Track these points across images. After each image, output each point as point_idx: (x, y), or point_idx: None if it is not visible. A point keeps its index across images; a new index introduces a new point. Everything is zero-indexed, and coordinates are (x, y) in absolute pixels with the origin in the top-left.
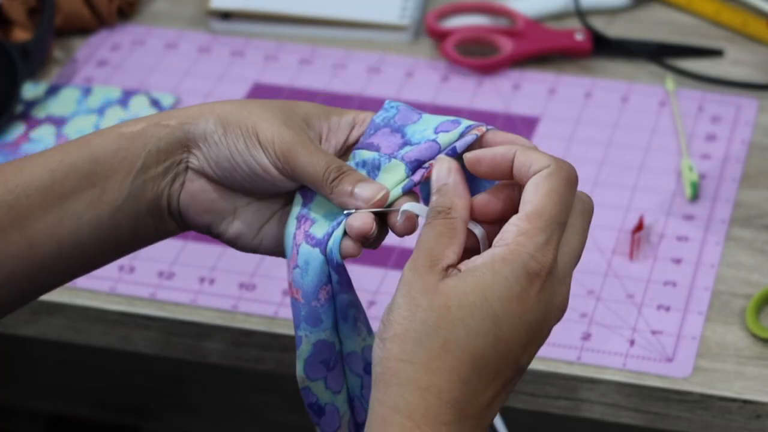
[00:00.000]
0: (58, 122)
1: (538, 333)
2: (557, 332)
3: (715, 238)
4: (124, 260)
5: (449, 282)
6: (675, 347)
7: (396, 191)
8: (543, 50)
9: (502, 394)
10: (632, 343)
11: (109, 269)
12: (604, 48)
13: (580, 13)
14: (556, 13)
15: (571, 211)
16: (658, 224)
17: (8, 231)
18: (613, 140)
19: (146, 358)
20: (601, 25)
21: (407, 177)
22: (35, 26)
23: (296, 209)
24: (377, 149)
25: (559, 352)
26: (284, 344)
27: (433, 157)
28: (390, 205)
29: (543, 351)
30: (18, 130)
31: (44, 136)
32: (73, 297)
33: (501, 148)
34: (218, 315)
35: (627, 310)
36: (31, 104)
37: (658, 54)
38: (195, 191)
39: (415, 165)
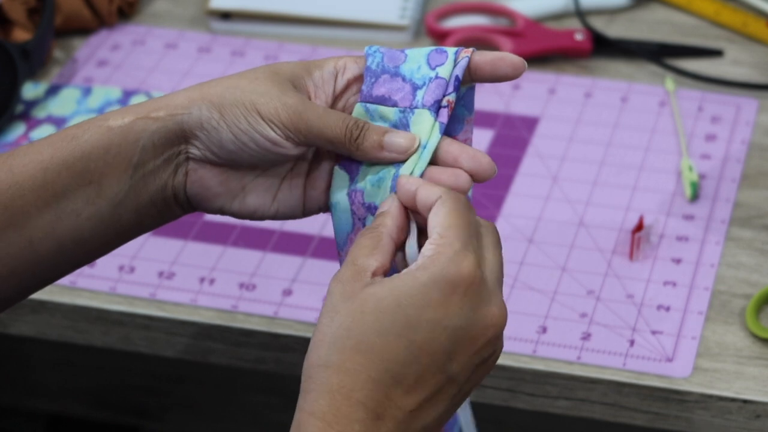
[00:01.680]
0: (59, 122)
1: (465, 341)
2: (557, 332)
3: (715, 238)
4: (124, 260)
5: (368, 289)
6: (675, 347)
7: (435, 138)
8: (543, 50)
9: (434, 404)
10: (632, 343)
11: (109, 269)
12: (604, 48)
13: (580, 13)
14: (556, 13)
15: (480, 233)
16: (658, 224)
17: (6, 231)
18: (613, 140)
19: (146, 358)
20: (601, 25)
21: (435, 121)
22: (35, 26)
23: (343, 185)
24: (393, 103)
25: (559, 352)
26: (284, 344)
27: (445, 92)
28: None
29: (543, 351)
30: (18, 130)
31: (44, 136)
32: (73, 297)
33: (407, 185)
34: (218, 315)
35: (627, 310)
36: (32, 104)
37: (658, 54)
38: (201, 180)
39: (436, 106)
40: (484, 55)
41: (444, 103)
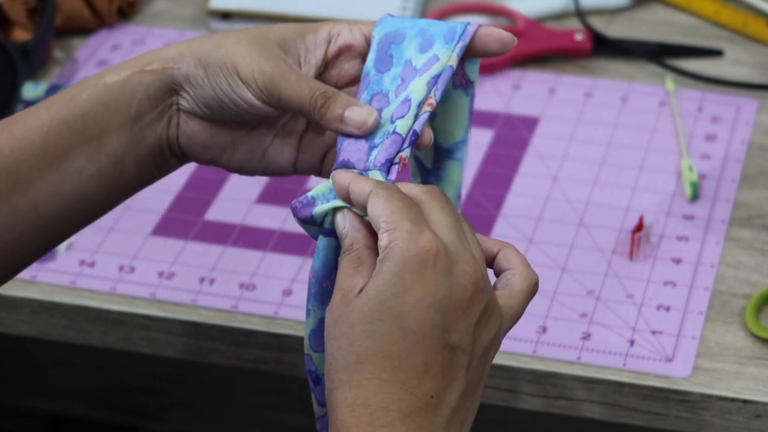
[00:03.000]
0: None
1: (452, 308)
2: (557, 332)
3: (715, 238)
4: (124, 260)
5: (351, 305)
6: (675, 347)
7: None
8: (543, 50)
9: (450, 381)
10: (632, 343)
11: (109, 269)
12: (604, 48)
13: (580, 13)
14: (556, 13)
15: (420, 204)
16: (658, 224)
17: (11, 196)
18: (613, 140)
19: (146, 358)
20: (601, 25)
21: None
22: (35, 26)
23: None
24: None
25: (559, 352)
26: (284, 344)
27: (400, 148)
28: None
29: (543, 351)
30: None
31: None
32: (73, 297)
33: (341, 180)
34: (218, 315)
35: (627, 310)
36: (32, 104)
37: (658, 54)
38: (191, 131)
39: (387, 165)
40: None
41: (396, 159)
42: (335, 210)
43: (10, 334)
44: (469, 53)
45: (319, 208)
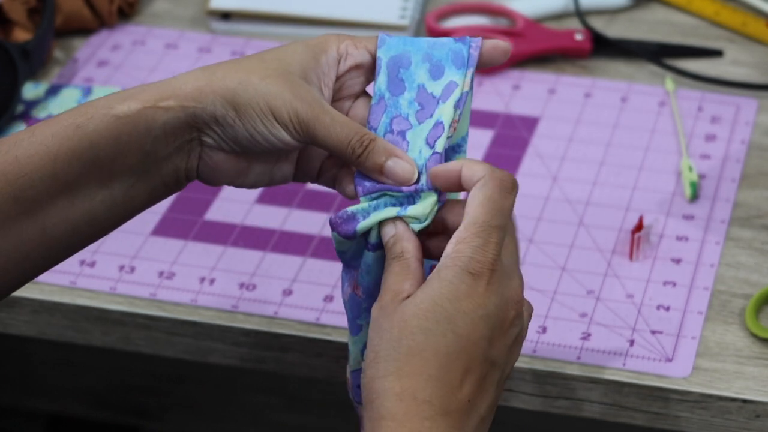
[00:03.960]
0: None
1: (498, 325)
2: (557, 332)
3: (715, 238)
4: (124, 260)
5: (405, 302)
6: (675, 347)
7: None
8: (543, 50)
9: (483, 391)
10: (632, 342)
11: (110, 269)
12: (603, 48)
13: (580, 14)
14: (555, 13)
15: (505, 224)
16: (658, 224)
17: (19, 219)
18: (613, 140)
19: (146, 358)
20: (600, 25)
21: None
22: (35, 26)
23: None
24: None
25: (559, 352)
26: (284, 344)
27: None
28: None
29: (543, 351)
30: (18, 130)
31: (43, 121)
32: (73, 297)
33: (451, 163)
34: (218, 315)
35: (627, 310)
36: (32, 104)
37: (658, 54)
38: (213, 163)
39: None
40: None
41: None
42: (381, 223)
43: (10, 334)
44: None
45: (366, 222)
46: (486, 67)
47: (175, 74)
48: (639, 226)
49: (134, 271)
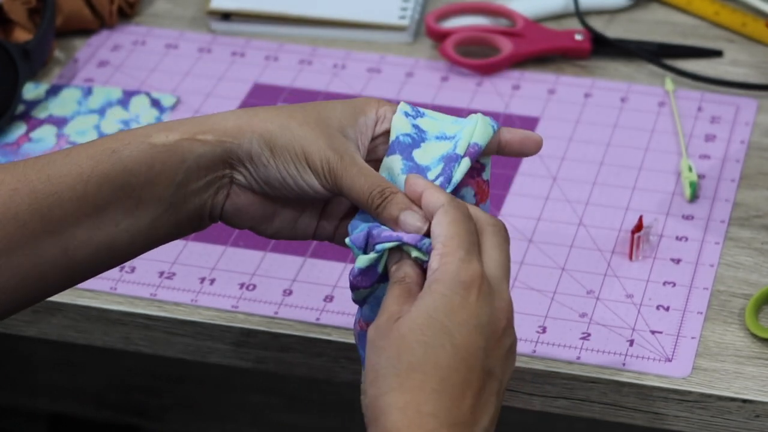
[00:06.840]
0: (59, 122)
1: (492, 335)
2: (557, 332)
3: (715, 238)
4: None
5: (400, 320)
6: (674, 347)
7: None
8: (543, 50)
9: (484, 402)
10: (632, 342)
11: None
12: (603, 48)
13: (580, 14)
14: (555, 13)
15: (483, 233)
16: (658, 224)
17: (42, 238)
18: (613, 140)
19: (146, 357)
20: (600, 25)
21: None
22: (36, 26)
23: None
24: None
25: (558, 352)
26: (284, 344)
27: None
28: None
29: (543, 351)
30: (19, 130)
31: (45, 137)
32: (74, 297)
33: (414, 185)
34: (218, 315)
35: (626, 310)
36: (32, 104)
37: (658, 54)
38: (241, 203)
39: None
40: (514, 133)
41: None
42: (389, 250)
43: (11, 334)
44: (509, 152)
45: (371, 256)
46: (518, 156)
47: (174, 74)
48: (639, 226)
49: (134, 271)
